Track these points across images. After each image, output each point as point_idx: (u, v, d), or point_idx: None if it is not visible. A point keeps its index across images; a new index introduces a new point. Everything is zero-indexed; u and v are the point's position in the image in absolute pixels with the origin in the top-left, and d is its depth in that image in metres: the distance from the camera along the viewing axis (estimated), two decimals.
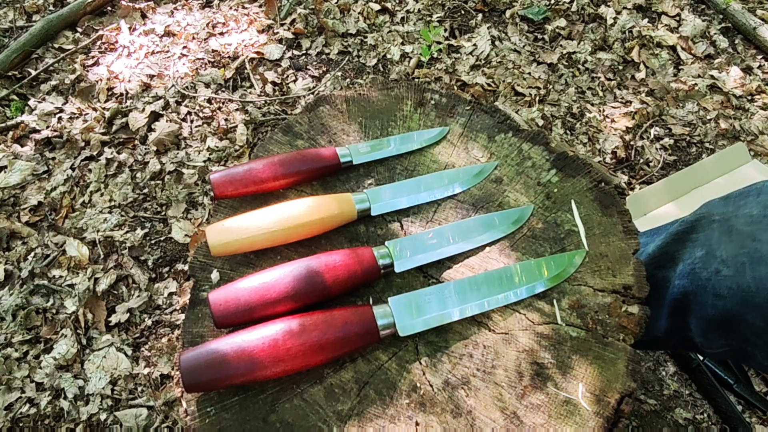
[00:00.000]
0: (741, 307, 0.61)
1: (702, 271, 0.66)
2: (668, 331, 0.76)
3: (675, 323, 0.74)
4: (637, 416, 1.12)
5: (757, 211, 0.62)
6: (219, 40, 1.75)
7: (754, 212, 0.62)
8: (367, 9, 1.83)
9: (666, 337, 0.78)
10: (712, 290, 0.64)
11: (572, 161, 0.73)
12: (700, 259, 0.67)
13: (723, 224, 0.65)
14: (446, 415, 0.55)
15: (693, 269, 0.68)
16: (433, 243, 0.64)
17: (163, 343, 1.19)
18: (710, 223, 0.68)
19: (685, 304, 0.70)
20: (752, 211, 0.63)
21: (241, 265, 0.66)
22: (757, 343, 0.62)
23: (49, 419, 1.10)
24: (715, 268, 0.64)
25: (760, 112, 1.60)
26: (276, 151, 0.76)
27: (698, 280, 0.66)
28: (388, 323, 0.56)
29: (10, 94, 1.58)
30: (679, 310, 0.72)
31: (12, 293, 1.24)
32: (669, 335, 0.77)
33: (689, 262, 0.69)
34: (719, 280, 0.63)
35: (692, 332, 0.71)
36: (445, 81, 1.65)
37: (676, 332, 0.75)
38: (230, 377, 0.52)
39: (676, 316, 0.73)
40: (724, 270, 0.63)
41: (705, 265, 0.66)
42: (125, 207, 1.39)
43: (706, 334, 0.69)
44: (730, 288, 0.62)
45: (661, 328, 0.77)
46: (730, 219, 0.65)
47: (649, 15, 1.86)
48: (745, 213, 0.63)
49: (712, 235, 0.66)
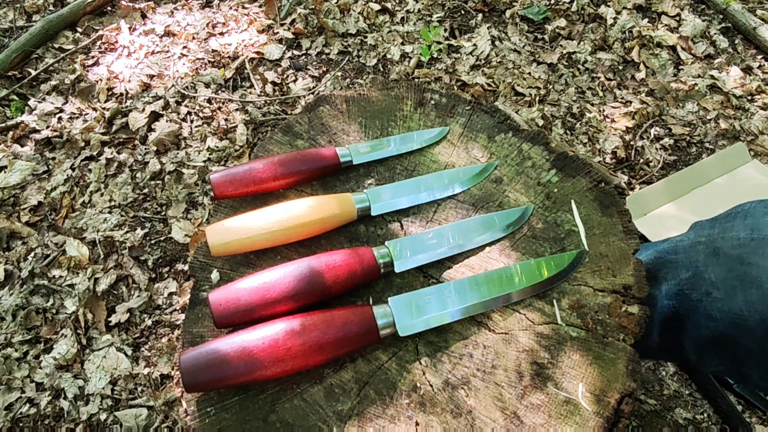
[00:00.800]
0: (733, 329, 0.61)
1: (692, 293, 0.66)
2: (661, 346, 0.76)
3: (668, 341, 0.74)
4: (637, 416, 1.12)
5: (744, 234, 0.61)
6: (219, 40, 1.75)
7: (741, 235, 0.62)
8: (367, 9, 1.83)
9: (660, 352, 0.79)
10: (704, 312, 0.64)
11: (572, 161, 0.73)
12: (688, 281, 0.67)
13: (709, 246, 0.65)
14: (446, 415, 0.55)
15: (681, 290, 0.68)
16: (433, 243, 0.64)
17: (163, 343, 1.19)
18: (695, 245, 0.68)
19: (678, 324, 0.70)
20: (739, 234, 0.62)
21: (241, 265, 0.66)
22: (752, 364, 0.62)
23: (49, 419, 1.10)
24: (706, 290, 0.64)
25: (760, 112, 1.60)
26: (276, 151, 0.76)
27: (689, 301, 0.66)
28: (388, 323, 0.56)
29: (10, 94, 1.58)
30: (672, 330, 0.72)
31: (12, 293, 1.24)
32: (663, 350, 0.78)
33: (675, 282, 0.69)
34: (710, 302, 0.63)
35: (687, 351, 0.71)
36: (445, 81, 1.65)
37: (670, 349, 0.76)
38: (230, 377, 0.52)
39: (669, 335, 0.73)
40: (715, 292, 0.63)
41: (694, 286, 0.66)
42: (125, 207, 1.39)
43: (701, 354, 0.69)
44: (722, 311, 0.62)
45: (654, 343, 0.77)
46: (716, 241, 0.65)
47: (649, 15, 1.86)
48: (732, 236, 0.63)
49: (698, 256, 0.66)
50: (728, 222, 0.65)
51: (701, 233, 0.68)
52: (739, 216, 0.65)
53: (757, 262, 0.58)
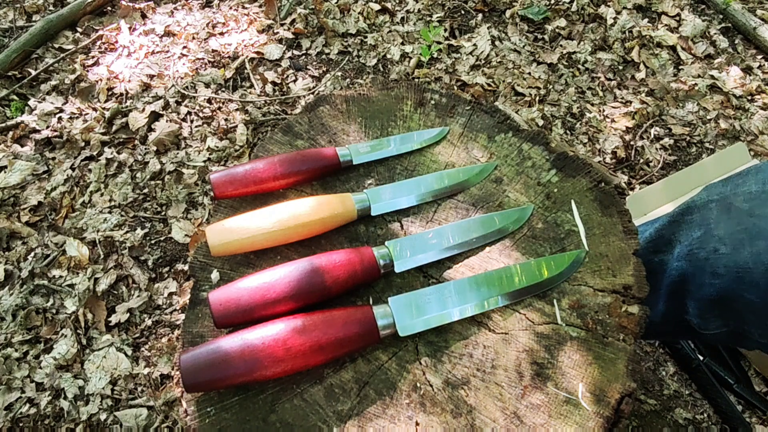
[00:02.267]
0: (737, 284, 0.61)
1: (700, 251, 0.66)
2: (666, 315, 0.76)
3: (672, 306, 0.74)
4: (637, 416, 1.12)
5: (756, 188, 0.62)
6: (219, 40, 1.75)
7: (753, 189, 0.62)
8: (367, 9, 1.83)
9: (663, 322, 0.78)
10: (710, 269, 0.64)
11: (572, 161, 0.73)
12: (698, 240, 0.67)
13: (721, 203, 0.66)
14: (446, 415, 0.55)
15: (691, 250, 0.68)
16: (433, 243, 0.64)
17: (163, 343, 1.19)
18: (708, 203, 0.68)
19: (683, 286, 0.70)
20: (751, 188, 0.63)
21: (241, 265, 0.66)
22: (754, 321, 0.63)
23: (49, 419, 1.10)
24: (713, 246, 0.64)
25: (760, 112, 1.60)
26: (276, 151, 0.76)
27: (696, 260, 0.66)
28: (388, 323, 0.56)
29: (10, 94, 1.58)
30: (677, 293, 0.72)
31: (12, 293, 1.24)
32: (666, 320, 0.77)
33: (686, 243, 0.69)
34: (717, 259, 0.63)
35: (690, 314, 0.71)
36: (445, 81, 1.65)
37: (674, 316, 0.75)
38: (230, 377, 0.52)
39: (674, 300, 0.73)
40: (722, 248, 0.63)
41: (703, 244, 0.66)
42: (125, 207, 1.39)
43: (704, 315, 0.69)
44: (727, 266, 0.62)
45: (659, 314, 0.77)
46: (729, 197, 0.65)
47: (649, 15, 1.86)
48: (744, 191, 0.64)
49: (710, 214, 0.66)
50: (740, 179, 0.66)
51: (714, 191, 0.69)
52: (751, 172, 0.66)
53: (766, 213, 0.59)
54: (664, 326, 0.80)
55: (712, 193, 0.69)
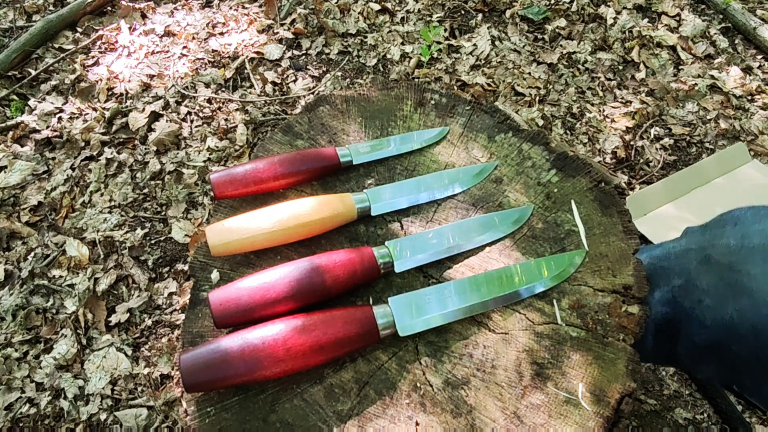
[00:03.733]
0: (726, 337, 0.61)
1: (684, 300, 0.66)
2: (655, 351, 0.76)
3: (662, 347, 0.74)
4: (637, 416, 1.12)
5: (735, 242, 0.61)
6: (219, 40, 1.75)
7: (731, 243, 0.62)
8: (367, 9, 1.83)
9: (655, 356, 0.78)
10: (697, 320, 0.64)
11: (572, 161, 0.73)
12: (680, 289, 0.66)
13: (700, 253, 0.65)
14: (446, 415, 0.55)
15: (674, 297, 0.67)
16: (433, 243, 0.64)
17: (163, 343, 1.19)
18: (687, 251, 0.68)
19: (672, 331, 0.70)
20: (729, 241, 0.62)
21: (241, 265, 0.66)
22: (745, 372, 0.62)
23: (49, 419, 1.10)
24: (698, 297, 0.64)
25: (760, 112, 1.60)
26: (276, 151, 0.76)
27: (681, 309, 0.66)
28: (388, 323, 0.56)
29: (10, 94, 1.58)
30: (666, 336, 0.71)
31: (12, 293, 1.24)
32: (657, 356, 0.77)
33: (667, 289, 0.69)
34: (702, 310, 0.63)
35: (681, 357, 0.71)
36: (445, 81, 1.65)
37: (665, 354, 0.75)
38: (230, 377, 0.52)
39: (663, 341, 0.73)
40: (707, 300, 0.62)
41: (686, 294, 0.65)
42: (125, 207, 1.39)
43: (695, 361, 0.69)
44: (714, 318, 0.61)
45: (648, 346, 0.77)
46: (707, 248, 0.64)
47: (649, 15, 1.86)
48: (723, 243, 0.63)
49: (689, 264, 0.66)
50: (719, 229, 0.65)
51: (692, 240, 0.68)
52: (729, 223, 0.64)
53: (747, 270, 0.58)
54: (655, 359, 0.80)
55: (691, 241, 0.68)
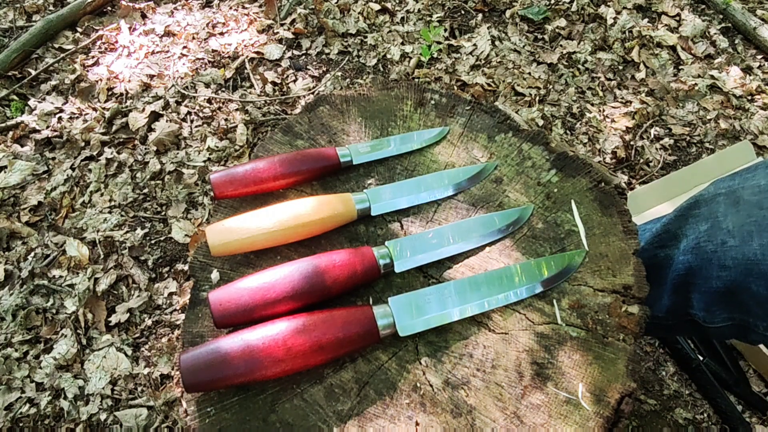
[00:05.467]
0: (745, 276, 0.62)
1: (707, 245, 0.66)
2: (670, 309, 0.77)
3: (677, 301, 0.75)
4: (637, 416, 1.12)
5: (765, 182, 0.63)
6: (219, 40, 1.75)
7: (761, 183, 0.63)
8: (367, 9, 1.83)
9: (667, 317, 0.79)
10: (717, 262, 0.65)
11: (572, 161, 0.73)
12: (705, 233, 0.67)
13: (729, 196, 0.66)
14: (446, 415, 0.55)
15: (698, 243, 0.68)
16: (433, 243, 0.64)
17: (163, 343, 1.19)
18: (715, 196, 0.69)
19: (689, 279, 0.70)
20: (760, 182, 0.63)
21: (241, 265, 0.66)
22: (760, 314, 0.63)
23: (49, 419, 1.10)
24: (721, 239, 0.64)
25: (760, 112, 1.60)
26: (276, 151, 0.76)
27: (703, 253, 0.67)
28: (388, 323, 0.56)
29: (10, 94, 1.58)
30: (683, 287, 0.72)
31: (12, 293, 1.24)
32: (670, 314, 0.78)
33: (693, 237, 0.69)
34: (725, 251, 0.64)
35: (695, 308, 0.72)
36: (445, 81, 1.65)
37: (678, 310, 0.76)
38: (230, 377, 0.52)
39: (679, 294, 0.73)
40: (730, 241, 0.63)
41: (710, 237, 0.66)
42: (125, 207, 1.39)
43: (709, 308, 0.70)
44: (735, 258, 0.62)
45: (663, 308, 0.77)
46: (737, 191, 0.65)
47: (649, 15, 1.86)
48: (753, 184, 0.64)
49: (718, 207, 0.67)
50: (749, 173, 0.67)
51: (722, 185, 0.69)
52: (760, 166, 0.66)
53: None
54: (667, 320, 0.80)
55: (720, 187, 0.69)
